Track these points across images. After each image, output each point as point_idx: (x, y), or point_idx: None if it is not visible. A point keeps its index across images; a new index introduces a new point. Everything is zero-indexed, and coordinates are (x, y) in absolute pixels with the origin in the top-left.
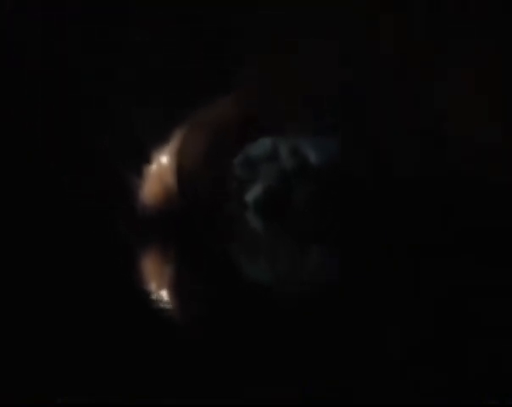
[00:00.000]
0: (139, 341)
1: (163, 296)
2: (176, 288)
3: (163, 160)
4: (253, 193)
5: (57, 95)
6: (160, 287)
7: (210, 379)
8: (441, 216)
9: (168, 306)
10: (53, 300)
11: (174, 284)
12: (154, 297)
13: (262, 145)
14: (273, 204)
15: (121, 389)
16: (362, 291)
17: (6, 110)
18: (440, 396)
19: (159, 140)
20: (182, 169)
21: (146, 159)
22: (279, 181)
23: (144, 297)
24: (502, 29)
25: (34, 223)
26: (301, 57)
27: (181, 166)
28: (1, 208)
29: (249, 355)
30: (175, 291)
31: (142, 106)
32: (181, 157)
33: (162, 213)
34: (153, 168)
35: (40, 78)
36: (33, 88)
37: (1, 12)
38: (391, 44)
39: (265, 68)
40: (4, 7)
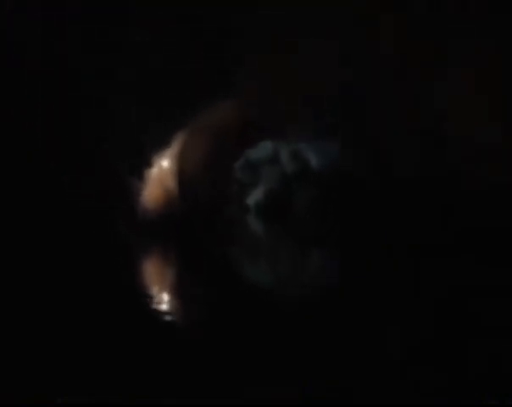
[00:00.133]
0: (139, 341)
1: (163, 299)
2: (177, 291)
3: (163, 164)
4: (255, 197)
5: (57, 95)
6: (161, 290)
7: (210, 379)
8: (441, 216)
9: (168, 308)
10: (53, 300)
11: (175, 287)
12: (155, 299)
13: (263, 149)
14: (274, 208)
15: (121, 389)
16: (362, 291)
17: (6, 110)
18: (440, 396)
19: (160, 144)
20: (183, 172)
21: (146, 161)
22: (280, 185)
23: (144, 298)
24: (502, 29)
25: (34, 223)
26: (301, 57)
27: (182, 170)
28: (1, 208)
29: (249, 356)
30: (176, 294)
31: (142, 106)
32: (182, 160)
33: (163, 216)
34: (154, 171)
35: (40, 78)
36: (33, 88)
37: (1, 12)
38: (391, 44)
39: (265, 68)
40: (4, 7)
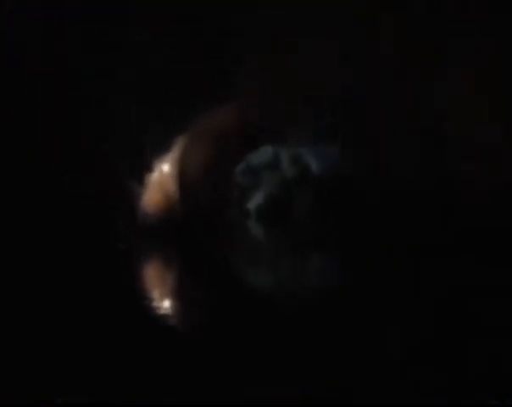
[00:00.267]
0: (139, 342)
1: (164, 302)
2: (178, 295)
3: (164, 168)
4: (255, 201)
5: (57, 95)
6: (162, 294)
7: (211, 379)
8: (441, 216)
9: (169, 311)
10: (53, 301)
11: (175, 291)
12: (155, 301)
13: (263, 153)
14: (274, 212)
15: (121, 389)
16: (362, 292)
17: (6, 110)
18: (440, 396)
19: (160, 147)
20: (184, 176)
21: (146, 164)
22: (280, 190)
23: (145, 300)
24: (502, 29)
25: (34, 223)
26: (301, 57)
27: (183, 174)
28: (1, 208)
29: (250, 357)
30: (177, 297)
31: (142, 106)
32: (183, 164)
33: (163, 220)
34: (154, 176)
35: (40, 78)
36: (33, 88)
37: (1, 12)
38: (391, 44)
39: (265, 68)
40: (4, 7)
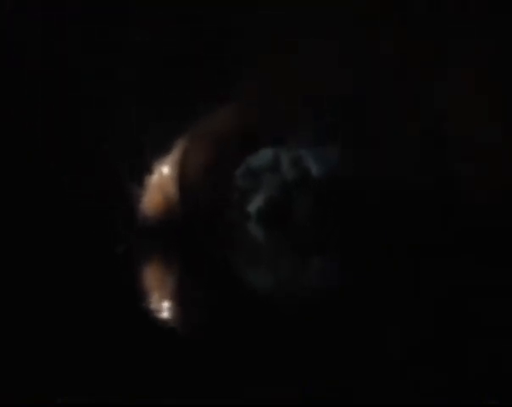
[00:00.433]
0: (139, 342)
1: (165, 302)
2: (178, 296)
3: (164, 170)
4: (255, 204)
5: (57, 95)
6: (162, 294)
7: (211, 379)
8: (441, 216)
9: (170, 312)
10: (53, 301)
11: (176, 292)
12: (156, 302)
13: (263, 156)
14: (275, 214)
15: (121, 389)
16: (362, 292)
17: (6, 110)
18: (440, 396)
19: (160, 149)
20: (184, 178)
21: (146, 166)
22: (280, 192)
23: (145, 301)
24: (502, 29)
25: (34, 223)
26: (301, 57)
27: (183, 176)
28: (1, 208)
29: (250, 357)
30: (177, 298)
31: (142, 106)
32: (183, 167)
33: (163, 222)
34: (154, 178)
35: (40, 78)
36: (33, 88)
37: (1, 12)
38: (391, 44)
39: (265, 68)
40: (4, 7)
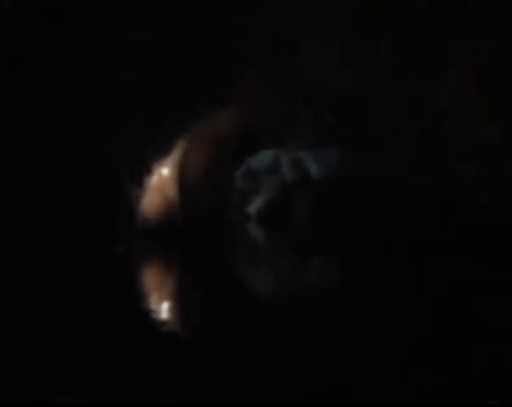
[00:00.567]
0: (139, 342)
1: (164, 304)
2: (178, 297)
3: (164, 171)
4: (256, 205)
5: (57, 95)
6: (162, 296)
7: (211, 379)
8: (441, 216)
9: (169, 313)
10: (53, 301)
11: (176, 293)
12: (155, 304)
13: (263, 157)
14: (274, 215)
15: (121, 389)
16: (362, 292)
17: (6, 110)
18: (440, 396)
19: (160, 150)
20: (184, 180)
21: (146, 166)
22: (280, 193)
23: (145, 301)
24: (502, 29)
25: (33, 223)
26: (301, 57)
27: (183, 177)
28: (1, 208)
29: (250, 357)
30: (177, 299)
31: (142, 106)
32: (183, 168)
33: (163, 224)
34: (154, 179)
35: (40, 78)
36: (33, 88)
37: (1, 12)
38: (391, 44)
39: (265, 68)
40: (4, 7)
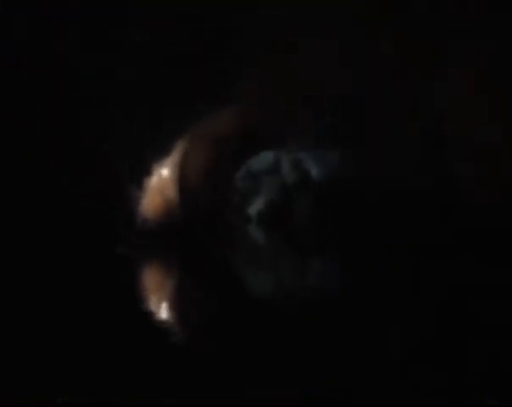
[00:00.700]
0: (139, 341)
1: (164, 304)
2: (178, 297)
3: (163, 172)
4: (256, 206)
5: (57, 95)
6: (161, 298)
7: (210, 379)
8: (441, 216)
9: (169, 313)
10: (53, 301)
11: (176, 294)
12: (155, 305)
13: (264, 158)
14: (275, 217)
15: (121, 389)
16: (362, 292)
17: (6, 110)
18: (440, 396)
19: (160, 150)
20: (184, 181)
21: (146, 166)
22: (281, 194)
23: (144, 302)
24: (502, 29)
25: (33, 223)
26: (301, 57)
27: (183, 178)
28: (0, 208)
29: (250, 357)
30: (177, 300)
31: (142, 106)
32: (183, 169)
33: (163, 225)
34: (154, 180)
35: (40, 78)
36: (33, 88)
37: (1, 12)
38: (391, 44)
39: (265, 68)
40: (4, 7)
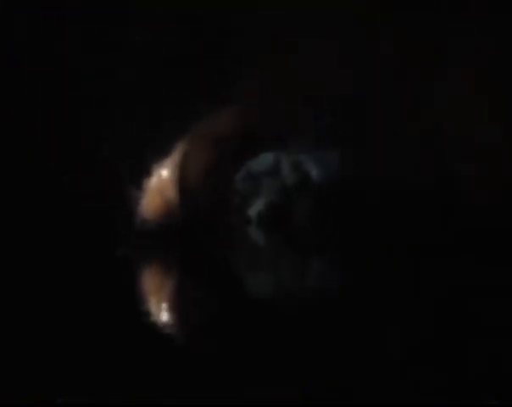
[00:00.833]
0: (139, 342)
1: (164, 305)
2: (178, 298)
3: (163, 173)
4: (256, 208)
5: (57, 95)
6: (161, 299)
7: (210, 379)
8: (441, 216)
9: (169, 314)
10: (52, 302)
11: (175, 295)
12: (155, 306)
13: (264, 160)
14: (275, 218)
15: (121, 389)
16: (362, 292)
17: (6, 110)
18: (440, 396)
19: (160, 151)
20: (184, 182)
21: (146, 165)
22: (281, 196)
23: (144, 304)
24: (502, 29)
25: (32, 223)
26: (301, 57)
27: (183, 179)
28: (0, 208)
29: (250, 357)
30: (177, 301)
31: (142, 106)
32: (183, 170)
33: (162, 226)
34: (153, 181)
35: (40, 78)
36: (33, 88)
37: (1, 12)
38: (391, 44)
39: (265, 68)
40: (4, 7)
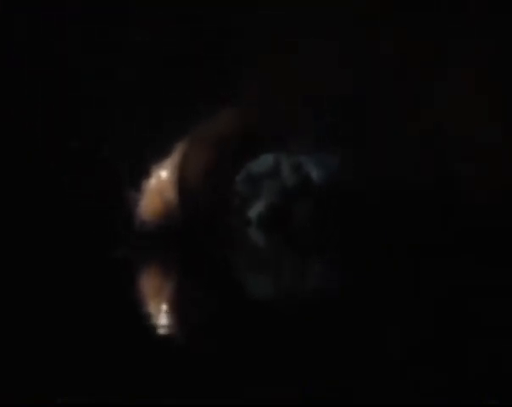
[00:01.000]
0: (139, 343)
1: (164, 306)
2: (178, 300)
3: (163, 174)
4: (256, 210)
5: (57, 95)
6: (161, 298)
7: (210, 379)
8: (441, 216)
9: (169, 314)
10: (52, 302)
11: (175, 296)
12: (154, 307)
13: (264, 161)
14: (275, 220)
15: (121, 389)
16: (362, 292)
17: (6, 110)
18: (440, 396)
19: (160, 152)
20: (183, 183)
21: (145, 166)
22: (281, 198)
23: (144, 304)
24: (502, 29)
25: (32, 223)
26: (301, 57)
27: (183, 180)
28: (0, 208)
29: (250, 357)
30: (177, 302)
31: (142, 106)
32: (183, 171)
33: (162, 228)
34: (153, 182)
35: (40, 78)
36: (33, 88)
37: (1, 12)
38: (391, 44)
39: (265, 68)
40: (4, 7)
